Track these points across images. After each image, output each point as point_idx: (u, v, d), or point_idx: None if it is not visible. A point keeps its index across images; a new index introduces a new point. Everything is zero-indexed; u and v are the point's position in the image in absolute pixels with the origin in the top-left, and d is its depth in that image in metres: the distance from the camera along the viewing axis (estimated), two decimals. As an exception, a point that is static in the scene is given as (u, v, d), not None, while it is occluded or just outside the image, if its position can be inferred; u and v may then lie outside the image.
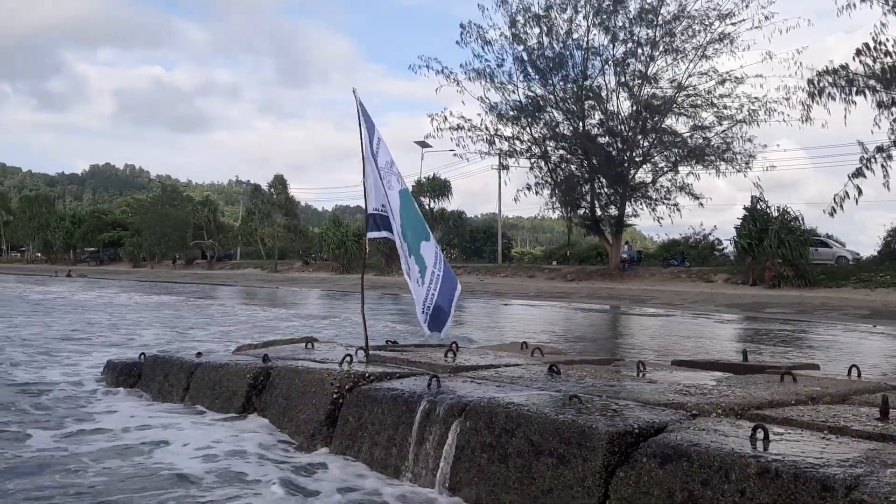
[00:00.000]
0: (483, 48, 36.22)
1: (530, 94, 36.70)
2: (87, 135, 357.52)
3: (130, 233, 75.99)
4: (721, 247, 42.11)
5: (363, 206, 5.44)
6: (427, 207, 54.59)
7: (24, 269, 67.96)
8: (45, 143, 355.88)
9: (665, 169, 36.38)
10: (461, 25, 36.04)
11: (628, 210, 37.26)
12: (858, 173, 27.79)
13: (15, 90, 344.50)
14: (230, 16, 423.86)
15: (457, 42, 36.21)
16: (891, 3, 25.92)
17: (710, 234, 43.54)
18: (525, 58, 36.04)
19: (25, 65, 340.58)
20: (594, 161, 36.29)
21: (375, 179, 5.32)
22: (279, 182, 67.03)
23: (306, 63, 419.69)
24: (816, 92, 28.21)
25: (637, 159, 36.32)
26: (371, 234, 5.46)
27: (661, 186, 36.64)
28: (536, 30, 35.69)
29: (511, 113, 36.96)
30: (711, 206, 65.66)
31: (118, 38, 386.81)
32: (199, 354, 5.96)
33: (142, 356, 6.33)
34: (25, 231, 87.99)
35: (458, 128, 36.67)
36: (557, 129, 37.25)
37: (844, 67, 27.36)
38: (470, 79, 35.97)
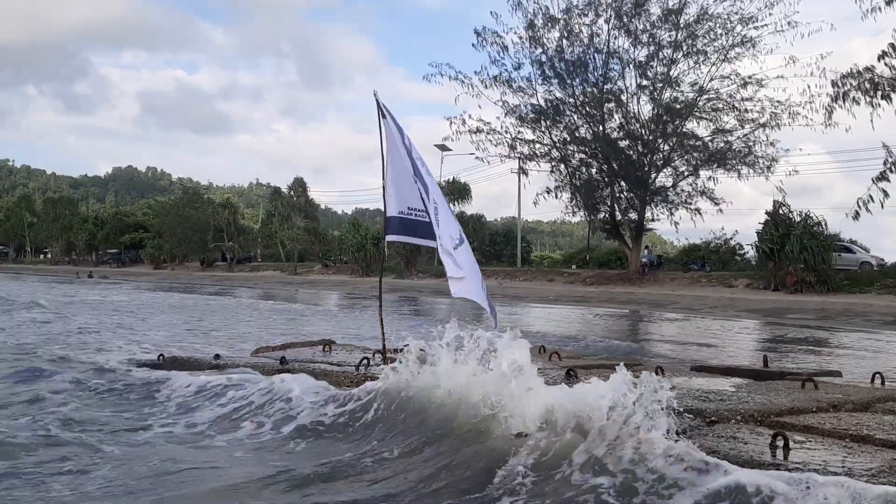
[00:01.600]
0: (500, 53, 36.09)
1: (549, 97, 36.60)
2: (110, 137, 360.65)
3: (152, 235, 76.66)
4: (742, 251, 41.76)
5: (382, 209, 5.45)
6: (446, 211, 54.50)
7: (47, 271, 68.75)
8: (69, 146, 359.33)
9: (686, 173, 36.14)
10: (476, 32, 35.87)
11: (648, 214, 37.05)
12: (883, 177, 27.40)
13: (41, 93, 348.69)
14: (255, 19, 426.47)
15: (473, 45, 36.09)
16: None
17: (731, 238, 43.19)
18: (543, 60, 35.93)
19: (52, 68, 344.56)
20: (614, 165, 36.12)
21: (401, 182, 5.32)
22: (299, 185, 67.35)
23: (329, 66, 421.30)
24: (840, 95, 27.88)
25: (658, 163, 36.09)
26: (389, 238, 5.46)
27: (682, 190, 36.40)
28: (555, 33, 35.61)
29: (530, 116, 36.86)
30: (735, 210, 65.31)
31: (144, 41, 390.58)
32: (217, 356, 5.98)
33: (160, 357, 6.37)
34: (49, 233, 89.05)
35: (477, 131, 36.60)
36: (577, 133, 37.10)
37: (869, 70, 27.02)
38: (486, 86, 35.84)
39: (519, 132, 37.04)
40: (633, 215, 37.17)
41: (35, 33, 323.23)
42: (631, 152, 36.39)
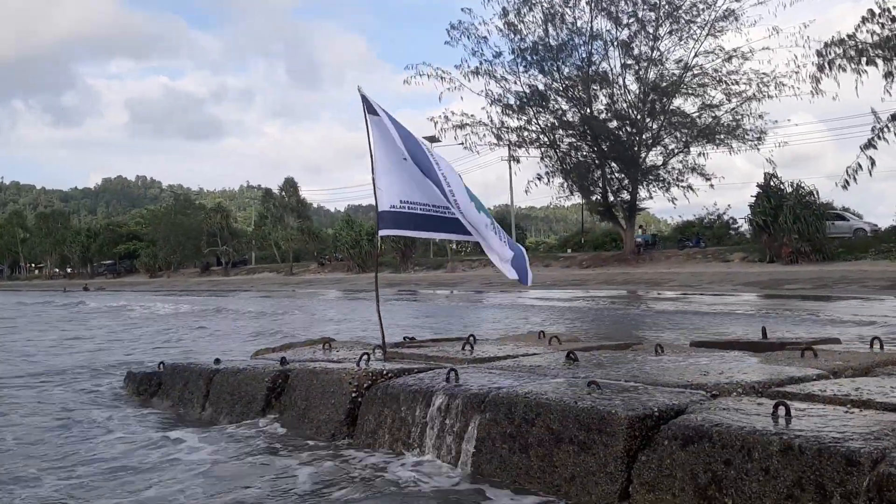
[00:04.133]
0: (478, 44, 35.99)
1: (533, 83, 36.51)
2: (99, 148, 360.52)
3: (145, 244, 76.56)
4: (736, 226, 41.92)
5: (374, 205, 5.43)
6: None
7: (39, 286, 68.45)
8: (58, 159, 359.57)
9: (676, 150, 36.18)
10: (451, 26, 35.70)
11: (641, 194, 37.11)
12: (871, 143, 27.48)
13: (29, 106, 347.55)
14: (243, 20, 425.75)
15: (446, 43, 35.90)
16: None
17: (724, 213, 43.33)
18: (524, 47, 35.82)
19: (39, 80, 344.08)
20: (603, 146, 36.13)
21: (393, 175, 5.29)
22: (290, 185, 67.25)
23: (320, 64, 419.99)
24: (826, 63, 27.92)
25: (647, 142, 36.12)
26: (383, 232, 5.44)
27: (673, 168, 36.46)
28: (533, 17, 35.45)
29: (515, 104, 36.79)
30: (730, 184, 65.54)
31: (132, 49, 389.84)
32: (217, 361, 5.96)
33: (160, 365, 6.36)
34: (43, 247, 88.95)
35: (462, 126, 36.57)
36: (564, 117, 37.06)
37: (852, 36, 27.06)
38: (468, 78, 35.71)
39: (504, 121, 37.02)
40: (626, 196, 37.24)
41: (21, 46, 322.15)
42: (620, 133, 36.40)
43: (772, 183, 31.67)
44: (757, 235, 31.93)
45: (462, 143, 37.43)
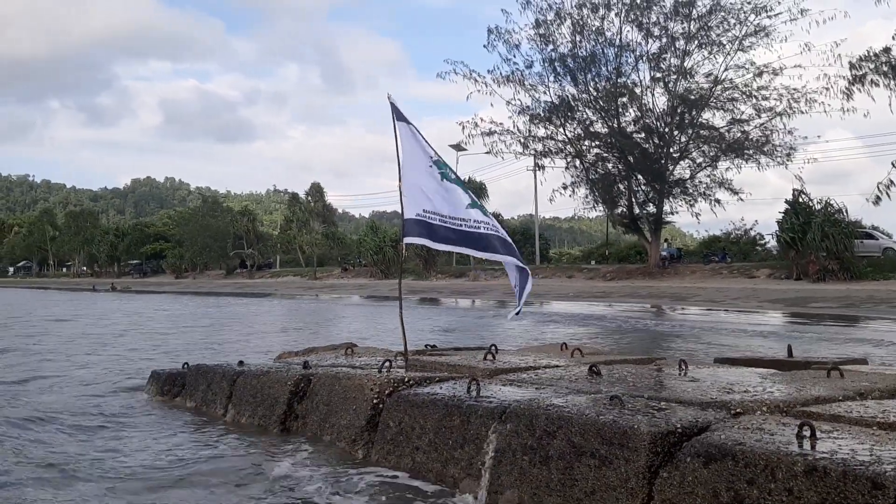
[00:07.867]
0: (510, 51, 36.16)
1: (562, 94, 36.49)
2: (129, 149, 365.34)
3: (172, 245, 77.37)
4: (763, 241, 41.46)
5: (399, 211, 5.46)
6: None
7: (68, 284, 69.35)
8: (88, 159, 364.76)
9: (703, 164, 35.89)
10: (489, 30, 35.91)
11: (667, 207, 36.83)
12: (903, 160, 27.11)
13: (64, 106, 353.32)
14: (278, 24, 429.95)
15: (484, 46, 36.12)
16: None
17: (751, 228, 42.88)
18: (554, 57, 35.86)
19: (74, 80, 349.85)
20: (630, 158, 35.95)
21: (419, 183, 5.32)
22: (316, 190, 67.72)
23: (351, 68, 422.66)
24: (858, 78, 27.64)
25: (674, 155, 35.86)
26: (407, 240, 5.45)
27: (700, 182, 36.14)
28: (565, 29, 35.49)
29: (544, 114, 36.78)
30: (760, 199, 65.10)
31: (168, 51, 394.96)
32: (241, 363, 6.01)
33: (185, 366, 6.42)
34: (71, 246, 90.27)
35: (490, 133, 36.63)
36: (591, 128, 36.95)
37: (887, 51, 26.77)
38: (499, 84, 35.86)
39: (530, 130, 37.01)
40: (652, 209, 36.99)
41: (57, 46, 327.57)
42: (647, 145, 36.20)
43: (800, 199, 31.33)
44: (784, 252, 31.58)
45: (489, 151, 37.49)
